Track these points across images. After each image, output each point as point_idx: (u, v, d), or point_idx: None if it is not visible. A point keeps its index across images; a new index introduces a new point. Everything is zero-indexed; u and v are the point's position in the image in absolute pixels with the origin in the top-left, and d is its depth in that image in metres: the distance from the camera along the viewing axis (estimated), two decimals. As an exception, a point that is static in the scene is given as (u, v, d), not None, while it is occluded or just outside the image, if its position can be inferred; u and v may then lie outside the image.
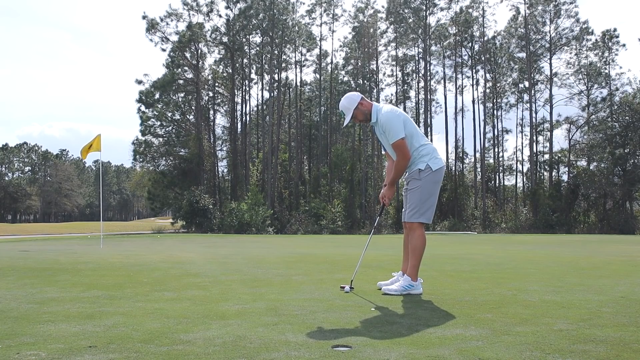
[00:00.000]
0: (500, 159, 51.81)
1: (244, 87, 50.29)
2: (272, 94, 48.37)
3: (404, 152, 4.39)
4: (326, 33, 67.56)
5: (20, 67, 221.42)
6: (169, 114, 47.05)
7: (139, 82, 45.05)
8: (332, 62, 52.15)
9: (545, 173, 48.35)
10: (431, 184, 4.49)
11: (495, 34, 48.41)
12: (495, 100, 49.90)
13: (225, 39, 46.22)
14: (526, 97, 46.90)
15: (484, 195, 45.33)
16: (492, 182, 51.89)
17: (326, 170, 49.33)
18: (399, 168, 4.46)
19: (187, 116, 48.39)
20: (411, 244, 4.53)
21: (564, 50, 45.24)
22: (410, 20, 47.64)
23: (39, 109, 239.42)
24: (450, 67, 50.25)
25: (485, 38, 47.47)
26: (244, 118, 50.52)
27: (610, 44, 44.17)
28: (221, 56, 48.29)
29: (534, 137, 47.13)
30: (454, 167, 50.05)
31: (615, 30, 44.13)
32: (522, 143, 57.97)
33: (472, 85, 50.12)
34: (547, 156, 46.45)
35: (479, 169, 49.07)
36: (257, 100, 60.50)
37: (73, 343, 2.73)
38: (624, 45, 44.35)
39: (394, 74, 52.20)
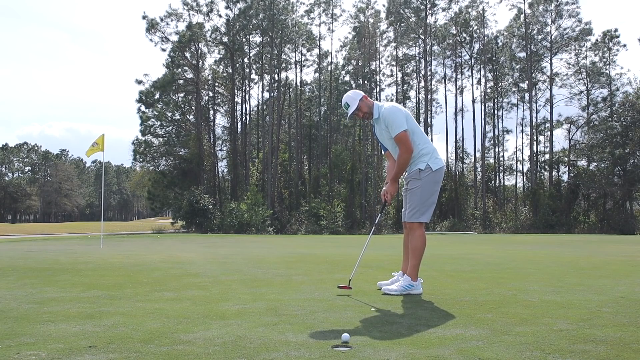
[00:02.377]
0: (501, 158, 51.83)
1: (244, 87, 50.31)
2: (272, 94, 48.36)
3: (407, 144, 4.38)
4: (325, 33, 67.64)
5: (20, 67, 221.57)
6: (169, 114, 47.04)
7: (139, 82, 45.09)
8: (331, 62, 52.19)
9: (545, 173, 48.35)
10: (431, 184, 4.50)
11: (497, 34, 48.44)
12: (495, 100, 49.91)
13: (225, 39, 46.21)
14: (527, 96, 46.89)
15: (484, 195, 45.33)
16: (492, 182, 51.88)
17: (326, 170, 49.32)
18: (401, 162, 4.43)
19: (187, 116, 48.38)
20: (411, 244, 4.52)
21: (565, 50, 45.24)
22: (411, 20, 47.64)
23: (38, 109, 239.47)
24: (450, 67, 50.30)
25: (486, 38, 47.49)
26: (244, 118, 50.54)
27: (610, 44, 44.16)
28: (221, 56, 48.31)
29: (535, 137, 47.13)
30: (454, 167, 50.02)
31: (616, 30, 44.15)
32: (522, 143, 57.97)
33: (472, 85, 50.18)
34: (547, 156, 46.45)
35: (479, 169, 49.07)
36: (257, 100, 60.56)
37: (73, 343, 2.73)
38: (624, 45, 44.39)
39: (394, 74, 52.21)
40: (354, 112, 4.52)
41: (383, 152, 4.90)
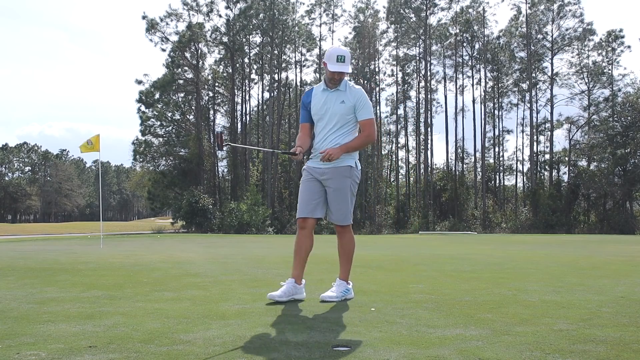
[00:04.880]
0: (501, 159, 51.82)
1: (244, 87, 50.31)
2: (272, 94, 48.36)
3: (374, 131, 4.13)
4: (326, 33, 67.48)
5: (19, 68, 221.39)
6: (169, 114, 47.04)
7: (139, 82, 45.09)
8: (332, 62, 52.07)
9: (545, 173, 48.36)
10: (356, 185, 4.27)
11: (498, 34, 48.42)
12: (496, 100, 49.91)
13: (225, 39, 46.20)
14: (527, 96, 46.89)
15: (484, 195, 45.32)
16: (492, 182, 51.87)
17: (326, 170, 49.22)
18: (363, 142, 4.14)
19: (187, 116, 48.38)
20: (347, 247, 4.32)
21: (565, 50, 45.23)
22: (412, 19, 47.65)
23: (38, 109, 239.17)
24: (450, 67, 50.29)
25: (486, 38, 47.47)
26: (244, 118, 50.53)
27: (614, 44, 44.14)
28: (221, 56, 48.30)
29: (535, 137, 47.14)
30: (454, 167, 50.02)
31: (621, 30, 44.11)
32: (522, 143, 58.01)
33: (473, 85, 50.17)
34: (547, 156, 46.46)
35: (479, 169, 49.05)
36: (257, 100, 60.54)
37: (73, 343, 2.73)
38: (629, 46, 44.42)
39: (395, 73, 52.24)
40: (341, 71, 4.00)
41: (301, 122, 4.34)
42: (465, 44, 49.01)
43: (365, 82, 49.37)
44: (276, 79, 48.50)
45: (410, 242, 16.27)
